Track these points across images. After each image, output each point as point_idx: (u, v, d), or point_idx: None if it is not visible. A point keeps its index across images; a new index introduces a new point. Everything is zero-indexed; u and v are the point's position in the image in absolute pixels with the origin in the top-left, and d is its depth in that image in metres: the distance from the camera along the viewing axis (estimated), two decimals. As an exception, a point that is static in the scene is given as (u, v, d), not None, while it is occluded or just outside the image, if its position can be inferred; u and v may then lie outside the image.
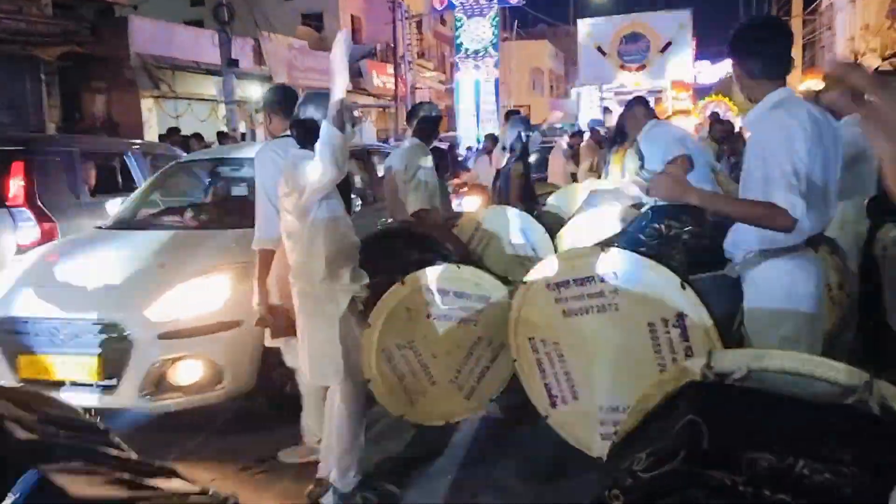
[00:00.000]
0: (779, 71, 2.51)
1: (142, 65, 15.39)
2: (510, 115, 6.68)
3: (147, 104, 15.79)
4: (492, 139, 9.48)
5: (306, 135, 3.10)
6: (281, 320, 3.51)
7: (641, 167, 4.82)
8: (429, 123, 4.73)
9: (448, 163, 7.23)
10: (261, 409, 4.10)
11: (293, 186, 3.04)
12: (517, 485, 3.44)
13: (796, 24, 25.72)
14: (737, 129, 10.25)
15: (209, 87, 16.62)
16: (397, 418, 3.40)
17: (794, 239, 2.47)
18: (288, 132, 3.29)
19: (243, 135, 14.84)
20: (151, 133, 14.89)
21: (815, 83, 15.52)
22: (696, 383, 1.61)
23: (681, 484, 1.30)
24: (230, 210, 5.08)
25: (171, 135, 11.43)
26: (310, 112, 3.08)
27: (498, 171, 6.22)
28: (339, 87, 2.77)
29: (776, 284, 2.48)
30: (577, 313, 2.61)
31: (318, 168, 2.81)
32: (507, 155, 6.03)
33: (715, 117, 11.83)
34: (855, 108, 1.12)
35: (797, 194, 2.27)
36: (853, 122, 4.04)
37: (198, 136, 11.02)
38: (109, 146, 7.66)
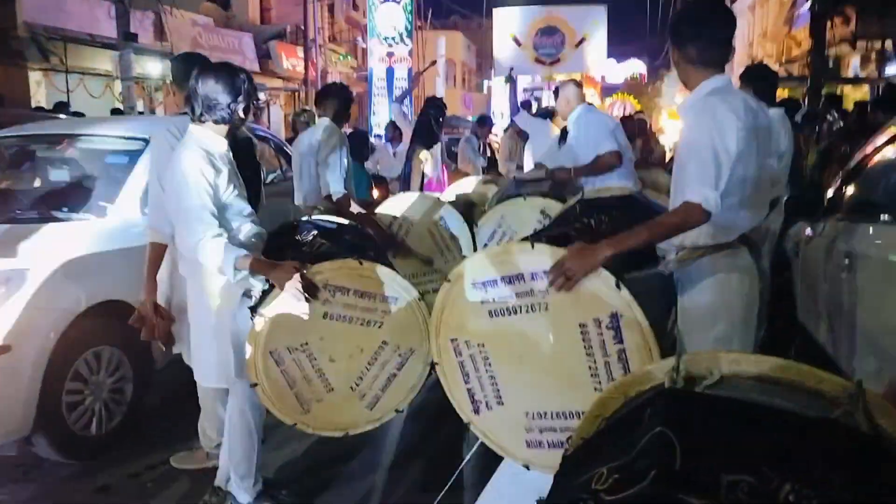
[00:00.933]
0: (717, 57, 2.40)
1: (30, 35, 14.22)
2: (430, 100, 6.47)
3: (35, 77, 14.62)
4: (393, 127, 9.31)
5: (205, 110, 2.79)
6: (166, 324, 3.22)
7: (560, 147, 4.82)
8: (341, 104, 4.51)
9: (369, 147, 6.98)
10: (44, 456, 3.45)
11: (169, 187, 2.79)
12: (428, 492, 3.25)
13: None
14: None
15: (104, 61, 15.58)
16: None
17: (727, 236, 2.38)
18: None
19: (141, 113, 13.95)
20: (39, 108, 13.79)
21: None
22: (665, 391, 1.43)
23: None
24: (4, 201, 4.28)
25: (59, 110, 10.57)
26: (209, 87, 2.77)
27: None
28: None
29: (710, 283, 2.37)
30: (504, 313, 2.42)
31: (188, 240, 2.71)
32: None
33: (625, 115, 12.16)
34: None
35: (711, 187, 2.17)
36: (774, 117, 4.06)
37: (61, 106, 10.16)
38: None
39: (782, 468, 1.11)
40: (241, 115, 2.87)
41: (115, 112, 12.39)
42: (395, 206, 4.42)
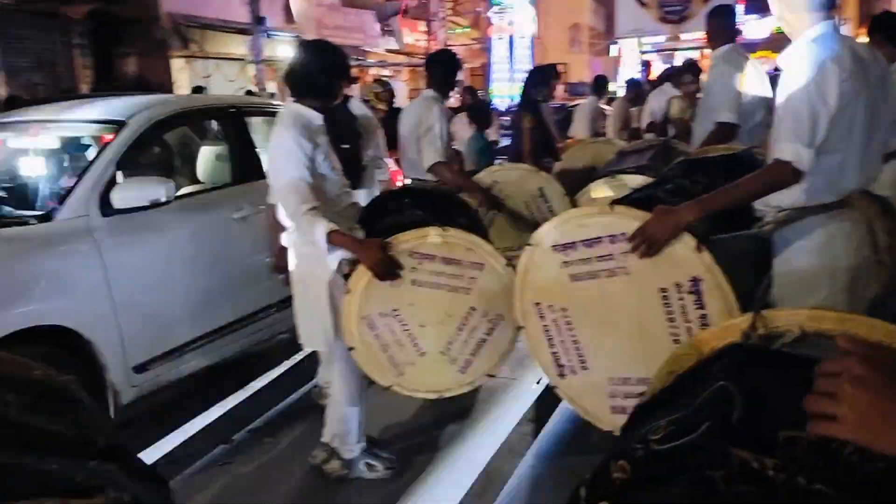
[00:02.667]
0: (827, 4, 2.20)
1: (172, 24, 15.28)
2: (535, 68, 6.36)
3: (177, 64, 15.71)
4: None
5: (301, 87, 2.93)
6: None
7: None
8: (443, 73, 4.40)
9: (489, 117, 6.96)
10: None
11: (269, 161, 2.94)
12: (530, 457, 3.28)
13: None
14: None
15: (238, 46, 16.48)
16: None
17: (830, 196, 2.21)
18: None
19: (272, 94, 14.66)
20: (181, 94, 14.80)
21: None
22: (737, 345, 1.38)
23: (698, 462, 1.08)
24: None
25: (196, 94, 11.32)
26: (305, 65, 2.92)
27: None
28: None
29: (811, 246, 2.22)
30: (585, 277, 2.38)
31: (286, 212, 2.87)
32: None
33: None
34: None
35: (805, 144, 2.01)
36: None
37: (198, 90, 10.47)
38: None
39: None
40: (337, 91, 2.99)
41: (248, 94, 13.08)
42: (494, 176, 4.30)
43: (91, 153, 3.90)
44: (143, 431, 3.51)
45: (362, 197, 3.85)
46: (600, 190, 3.78)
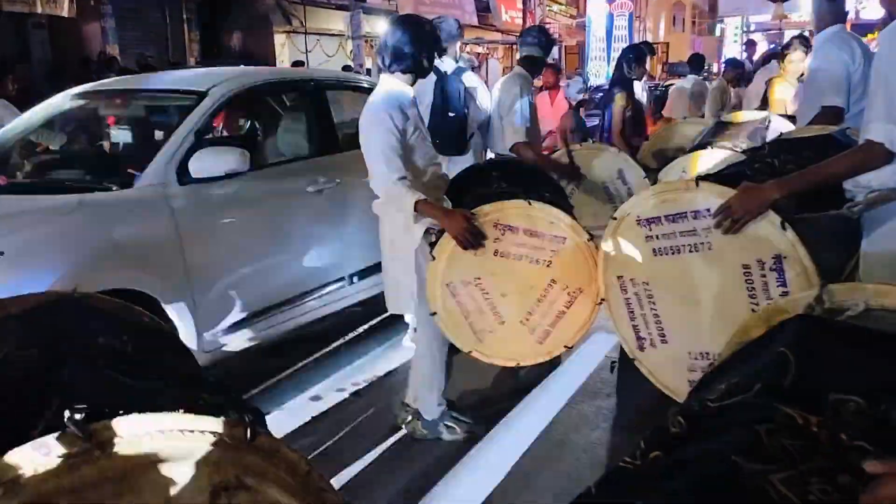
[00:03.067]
0: None
1: (275, 1, 15.76)
2: (630, 46, 6.28)
3: (279, 39, 16.20)
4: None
5: (392, 61, 3.04)
6: None
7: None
8: (534, 50, 4.38)
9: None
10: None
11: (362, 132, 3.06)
12: (605, 433, 3.35)
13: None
14: None
15: (338, 22, 16.83)
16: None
17: (928, 176, 2.16)
18: None
19: (368, 70, 14.95)
20: (283, 68, 15.29)
21: None
22: (800, 316, 1.42)
23: (747, 417, 1.15)
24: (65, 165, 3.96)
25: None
26: (396, 39, 3.02)
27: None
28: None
29: (899, 227, 2.19)
30: (668, 252, 2.42)
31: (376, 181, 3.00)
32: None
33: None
34: None
35: None
36: None
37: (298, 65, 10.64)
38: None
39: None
40: (425, 64, 3.09)
41: (346, 69, 13.38)
42: (579, 155, 4.29)
43: (166, 122, 3.98)
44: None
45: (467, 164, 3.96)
46: (683, 165, 3.78)
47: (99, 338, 1.34)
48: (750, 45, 12.51)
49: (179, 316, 3.22)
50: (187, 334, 3.25)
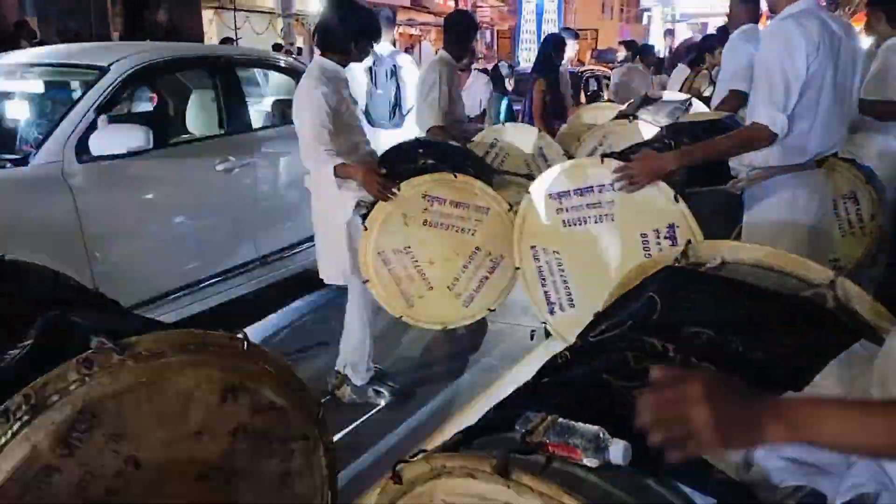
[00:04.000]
0: None
1: (203, -25, 15.44)
2: (552, 34, 6.54)
3: (208, 16, 15.89)
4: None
5: (325, 41, 3.17)
6: None
7: None
8: (459, 33, 4.50)
9: (502, 78, 7.14)
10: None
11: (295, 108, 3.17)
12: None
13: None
14: None
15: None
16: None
17: (798, 158, 2.46)
18: None
19: (300, 49, 14.86)
20: (211, 45, 14.99)
21: None
22: (668, 267, 1.67)
23: (619, 346, 1.38)
24: None
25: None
26: (329, 21, 3.15)
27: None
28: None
29: (777, 200, 2.48)
30: (576, 223, 2.66)
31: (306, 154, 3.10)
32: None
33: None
34: None
35: (779, 109, 2.25)
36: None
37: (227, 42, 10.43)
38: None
39: (740, 327, 1.33)
40: (356, 48, 3.22)
41: (276, 47, 13.27)
42: (495, 135, 4.43)
43: (64, 98, 3.86)
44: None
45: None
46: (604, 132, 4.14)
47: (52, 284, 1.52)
48: (668, 35, 13.00)
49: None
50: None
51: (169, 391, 1.26)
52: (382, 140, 4.66)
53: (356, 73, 4.87)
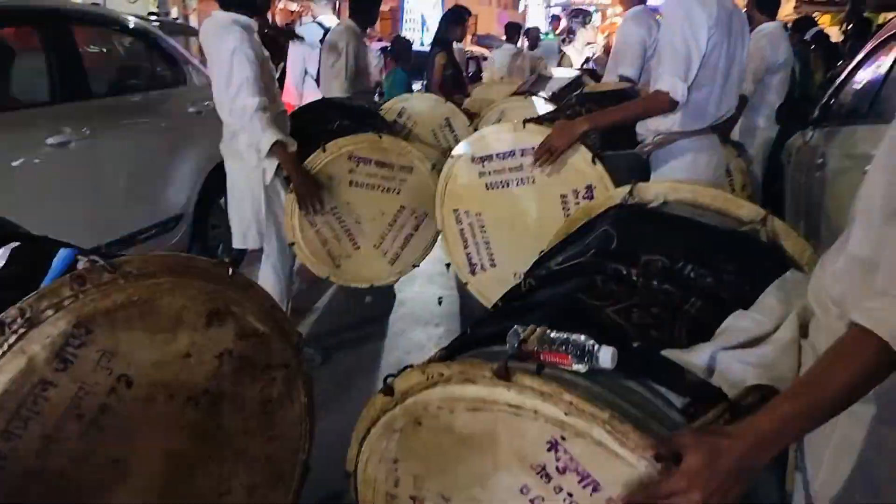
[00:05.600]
0: None
1: (65, -64, 14.38)
2: (451, 8, 6.67)
3: (72, -20, 14.85)
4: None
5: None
6: None
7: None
8: (364, 3, 4.59)
9: (410, 52, 7.16)
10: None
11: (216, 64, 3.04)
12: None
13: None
14: None
15: (140, -35, 15.70)
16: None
17: (697, 124, 2.70)
18: None
19: (175, 19, 14.16)
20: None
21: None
22: (617, 205, 1.83)
23: (586, 271, 1.52)
24: None
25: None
26: None
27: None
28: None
29: (679, 163, 2.71)
30: (498, 186, 2.79)
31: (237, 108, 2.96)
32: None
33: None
34: None
35: (681, 78, 2.48)
36: (767, 33, 4.29)
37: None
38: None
39: (690, 256, 1.51)
40: (263, 4, 3.16)
41: (151, 15, 12.61)
42: (403, 104, 4.53)
43: None
44: None
45: None
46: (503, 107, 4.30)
47: None
48: (554, 20, 13.45)
49: None
50: None
51: (159, 311, 1.30)
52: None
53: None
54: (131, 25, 4.42)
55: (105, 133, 3.64)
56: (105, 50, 4.60)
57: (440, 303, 4.32)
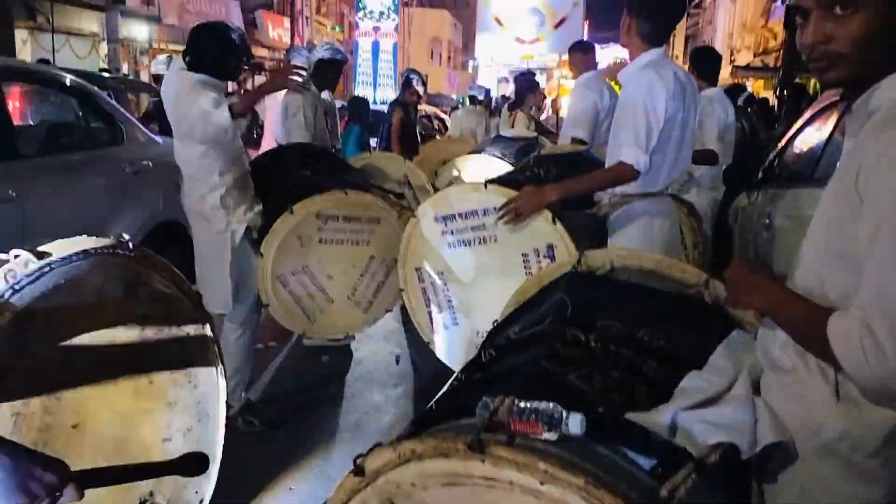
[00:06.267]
0: (662, 36, 2.81)
1: (16, -8, 14.29)
2: (409, 70, 6.88)
3: (21, 35, 14.68)
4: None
5: (197, 62, 3.09)
6: None
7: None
8: (326, 66, 4.62)
9: (368, 111, 7.27)
10: None
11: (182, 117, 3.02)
12: (394, 417, 3.67)
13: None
14: None
15: (91, 23, 15.69)
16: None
17: (652, 187, 2.80)
18: None
19: (126, 75, 14.11)
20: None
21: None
22: (569, 273, 1.87)
23: (546, 338, 1.54)
24: None
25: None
26: (202, 41, 3.11)
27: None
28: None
29: (636, 225, 2.80)
30: (461, 245, 2.82)
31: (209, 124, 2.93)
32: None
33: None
34: None
35: (642, 150, 2.59)
36: (714, 98, 4.49)
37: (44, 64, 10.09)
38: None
39: (642, 320, 1.54)
40: (232, 71, 3.16)
41: (102, 72, 12.55)
42: (363, 163, 4.52)
43: None
44: None
45: None
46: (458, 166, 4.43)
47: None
48: (503, 82, 13.93)
49: None
50: None
51: (84, 289, 1.57)
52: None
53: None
54: (67, 83, 4.23)
55: (35, 195, 3.48)
56: (36, 108, 4.46)
57: (398, 361, 4.29)
